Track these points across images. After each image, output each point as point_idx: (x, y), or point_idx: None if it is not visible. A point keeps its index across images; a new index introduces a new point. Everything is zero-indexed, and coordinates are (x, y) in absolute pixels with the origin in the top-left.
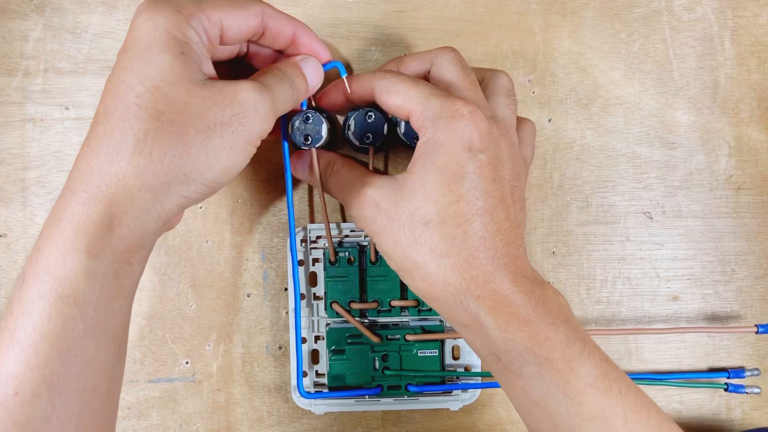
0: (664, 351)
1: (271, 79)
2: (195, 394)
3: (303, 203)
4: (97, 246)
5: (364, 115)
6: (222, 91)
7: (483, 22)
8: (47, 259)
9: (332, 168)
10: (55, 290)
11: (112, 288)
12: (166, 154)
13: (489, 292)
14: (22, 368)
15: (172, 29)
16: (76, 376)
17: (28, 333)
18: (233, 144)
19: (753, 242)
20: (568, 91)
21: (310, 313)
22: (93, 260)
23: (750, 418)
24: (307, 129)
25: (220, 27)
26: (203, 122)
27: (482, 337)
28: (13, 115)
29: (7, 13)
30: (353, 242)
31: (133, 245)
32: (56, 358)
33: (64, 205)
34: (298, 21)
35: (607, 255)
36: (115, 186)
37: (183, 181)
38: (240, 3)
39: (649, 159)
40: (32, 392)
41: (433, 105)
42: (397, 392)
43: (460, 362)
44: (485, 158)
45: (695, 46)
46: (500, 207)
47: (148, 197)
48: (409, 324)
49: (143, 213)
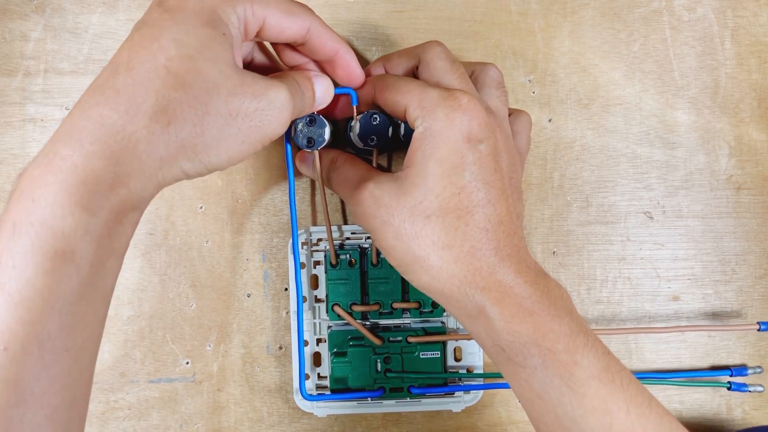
0: (665, 351)
1: (292, 87)
2: (195, 394)
3: (305, 204)
4: (97, 203)
5: (369, 118)
6: (255, 82)
7: (483, 22)
8: (44, 209)
9: (335, 164)
10: (52, 245)
11: (107, 247)
12: (183, 129)
13: (494, 283)
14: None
15: (219, 9)
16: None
17: (21, 286)
18: (247, 138)
19: (753, 242)
20: (568, 91)
21: (311, 316)
22: (92, 217)
23: (750, 417)
24: (310, 132)
25: (262, 23)
26: (226, 107)
27: (487, 328)
28: (14, 116)
29: (7, 14)
30: (354, 245)
31: (129, 207)
32: (49, 315)
33: (65, 153)
34: (342, 41)
35: (608, 255)
36: (125, 146)
37: (189, 158)
38: (290, 8)
39: (650, 159)
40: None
41: (430, 96)
42: (400, 394)
43: (462, 364)
44: (485, 148)
45: (695, 45)
46: (501, 198)
47: (154, 165)
48: (410, 326)
49: (145, 178)
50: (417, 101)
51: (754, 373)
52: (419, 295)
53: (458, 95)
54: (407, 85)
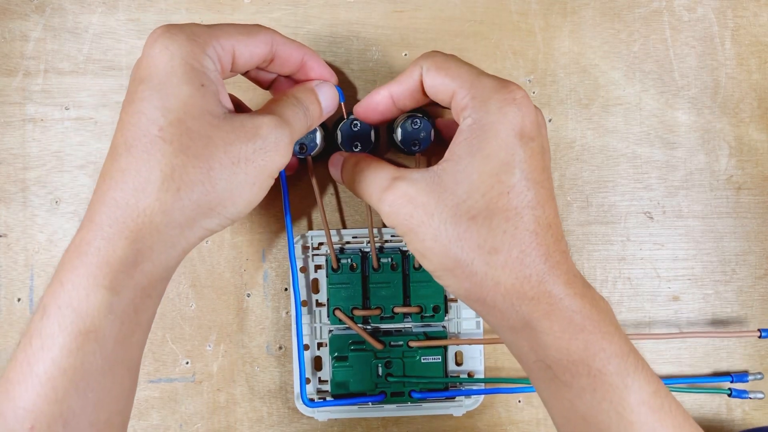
0: (665, 351)
1: (288, 109)
2: (195, 394)
3: (306, 205)
4: (120, 282)
5: (350, 124)
6: (244, 125)
7: (483, 22)
8: (70, 292)
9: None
10: (77, 325)
11: (132, 322)
12: (194, 191)
13: (543, 294)
14: (40, 402)
15: (190, 59)
16: (91, 410)
17: (47, 367)
18: (256, 179)
19: (753, 242)
20: (568, 91)
21: (312, 320)
22: (115, 296)
23: (750, 418)
24: (301, 138)
25: (233, 54)
26: (228, 157)
27: (531, 342)
28: (14, 115)
29: (7, 13)
30: (355, 249)
31: (156, 279)
32: (74, 393)
33: (88, 238)
34: (306, 47)
35: (608, 255)
36: (142, 222)
37: (208, 215)
38: (250, 31)
39: (650, 159)
40: (48, 427)
41: (484, 84)
42: (401, 399)
43: (463, 368)
44: (536, 146)
45: (696, 46)
46: (550, 199)
47: (174, 233)
48: (411, 330)
49: (168, 248)
50: (468, 88)
51: (755, 380)
52: (420, 299)
53: (513, 88)
54: (458, 68)
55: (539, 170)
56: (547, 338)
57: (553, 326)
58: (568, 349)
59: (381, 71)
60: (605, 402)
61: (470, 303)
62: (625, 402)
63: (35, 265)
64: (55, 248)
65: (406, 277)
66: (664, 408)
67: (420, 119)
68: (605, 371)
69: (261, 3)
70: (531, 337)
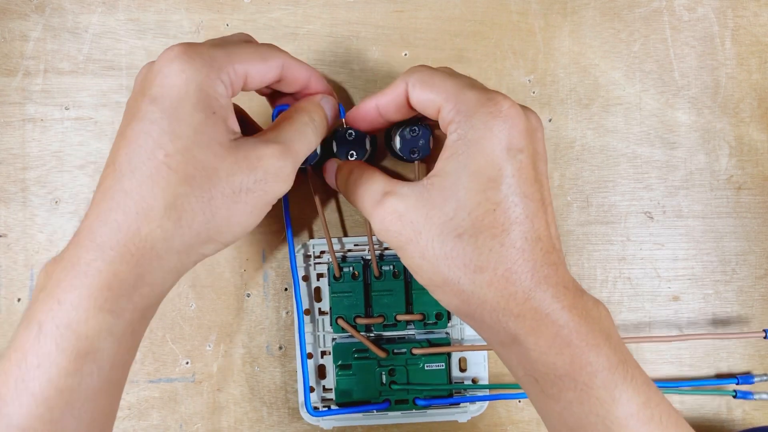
0: (665, 351)
1: (296, 134)
2: (195, 394)
3: (306, 213)
4: (121, 306)
5: (345, 133)
6: (247, 156)
7: (483, 22)
8: (69, 313)
9: (351, 177)
10: (76, 347)
11: (128, 344)
12: (195, 220)
13: (529, 311)
14: (34, 422)
15: (205, 86)
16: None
17: (44, 387)
18: (254, 207)
19: (754, 242)
20: (568, 91)
21: (315, 328)
22: (116, 319)
23: (750, 418)
24: None
25: (245, 79)
26: (230, 187)
27: (520, 357)
28: (13, 115)
29: (7, 13)
30: (357, 257)
31: (153, 302)
32: (68, 414)
33: (88, 258)
34: (312, 68)
35: (608, 255)
36: (143, 247)
37: (206, 243)
38: (264, 55)
39: (650, 159)
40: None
41: (468, 98)
42: (405, 406)
43: (467, 374)
44: (525, 158)
45: (696, 45)
46: (540, 211)
47: (173, 259)
48: (415, 338)
49: (166, 273)
50: (453, 102)
51: (761, 381)
52: (423, 307)
53: (499, 100)
54: (443, 82)
55: (529, 182)
56: (534, 354)
57: (539, 342)
58: (554, 364)
59: (381, 71)
60: (592, 415)
61: (462, 318)
62: (612, 416)
63: (35, 265)
64: (55, 248)
65: (408, 285)
66: (654, 419)
67: (419, 127)
68: (592, 385)
69: (261, 3)
70: (519, 352)
